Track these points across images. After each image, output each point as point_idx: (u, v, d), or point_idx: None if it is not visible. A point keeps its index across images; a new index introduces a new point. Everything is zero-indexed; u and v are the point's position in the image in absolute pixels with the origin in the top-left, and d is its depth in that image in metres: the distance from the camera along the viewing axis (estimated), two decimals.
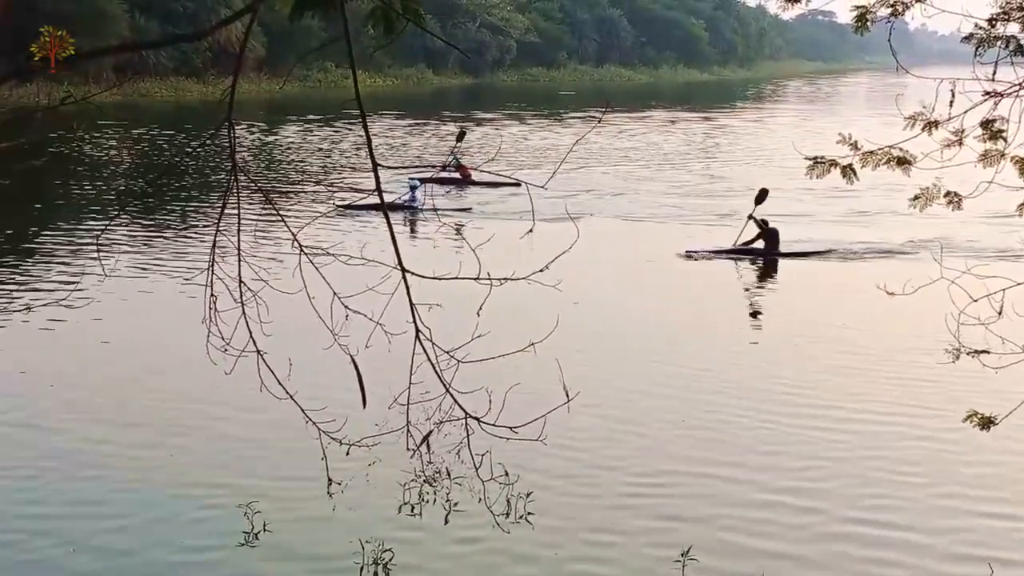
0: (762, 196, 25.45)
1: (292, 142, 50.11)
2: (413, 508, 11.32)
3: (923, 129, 7.84)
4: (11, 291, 20.38)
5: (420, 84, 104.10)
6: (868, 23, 8.56)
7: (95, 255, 18.33)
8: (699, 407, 14.95)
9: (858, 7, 8.59)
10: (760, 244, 24.96)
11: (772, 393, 15.61)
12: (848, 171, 8.49)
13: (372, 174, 6.50)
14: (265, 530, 10.91)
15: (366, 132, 6.60)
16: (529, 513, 11.20)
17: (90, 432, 13.58)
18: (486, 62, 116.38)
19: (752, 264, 24.97)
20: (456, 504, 11.29)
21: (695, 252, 24.78)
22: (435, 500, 11.38)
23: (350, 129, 55.24)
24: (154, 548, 10.76)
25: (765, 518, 11.64)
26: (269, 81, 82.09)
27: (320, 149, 47.43)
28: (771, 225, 24.98)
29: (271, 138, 50.70)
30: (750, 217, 25.04)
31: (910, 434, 14.15)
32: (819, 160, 8.71)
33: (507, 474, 8.05)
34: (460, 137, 23.14)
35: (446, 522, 11.15)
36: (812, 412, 14.83)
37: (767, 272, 24.59)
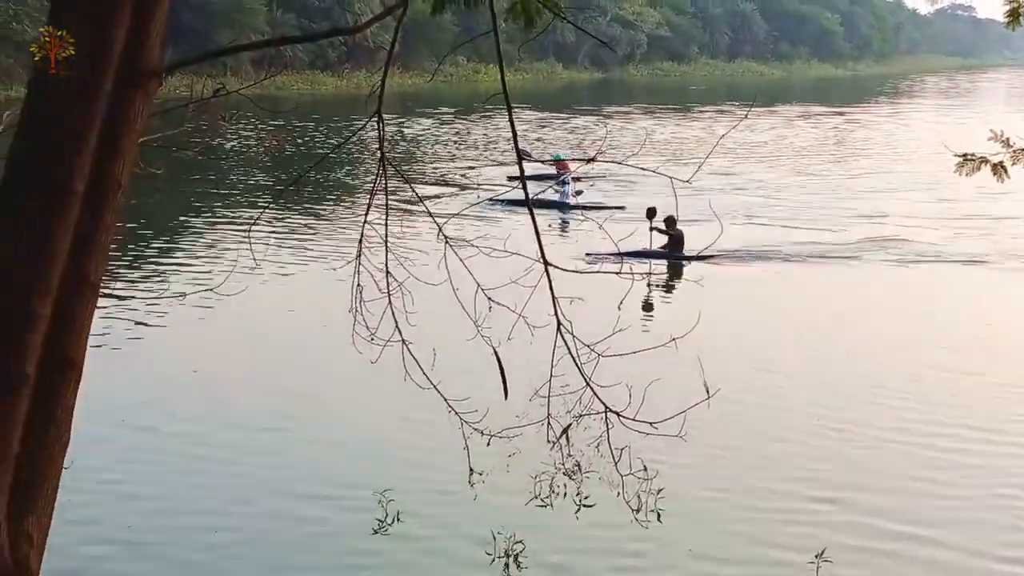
0: (651, 213, 22.28)
1: (430, 135, 50.71)
2: (546, 500, 11.32)
3: None
4: (165, 279, 21.07)
5: (550, 78, 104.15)
6: (1021, 18, 8.34)
7: (246, 244, 18.75)
8: (838, 409, 14.66)
9: (1011, 1, 8.37)
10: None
11: (914, 398, 15.26)
12: (999, 169, 8.28)
13: (516, 166, 6.57)
14: (399, 519, 11.02)
15: (512, 126, 6.66)
16: (661, 509, 11.10)
17: (234, 417, 13.91)
18: (616, 56, 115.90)
19: (657, 267, 23.31)
20: (587, 498, 11.27)
21: (596, 256, 21.19)
22: (567, 494, 11.36)
23: (486, 122, 55.64)
24: (289, 531, 10.99)
25: (902, 529, 11.40)
26: (402, 75, 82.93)
27: (455, 141, 48.00)
28: (678, 227, 23.46)
29: (408, 131, 51.31)
30: (651, 230, 23.32)
31: None
32: (969, 157, 8.51)
33: (645, 469, 8.00)
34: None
35: (577, 516, 11.15)
36: (963, 422, 14.41)
37: (886, 276, 23.69)
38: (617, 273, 6.63)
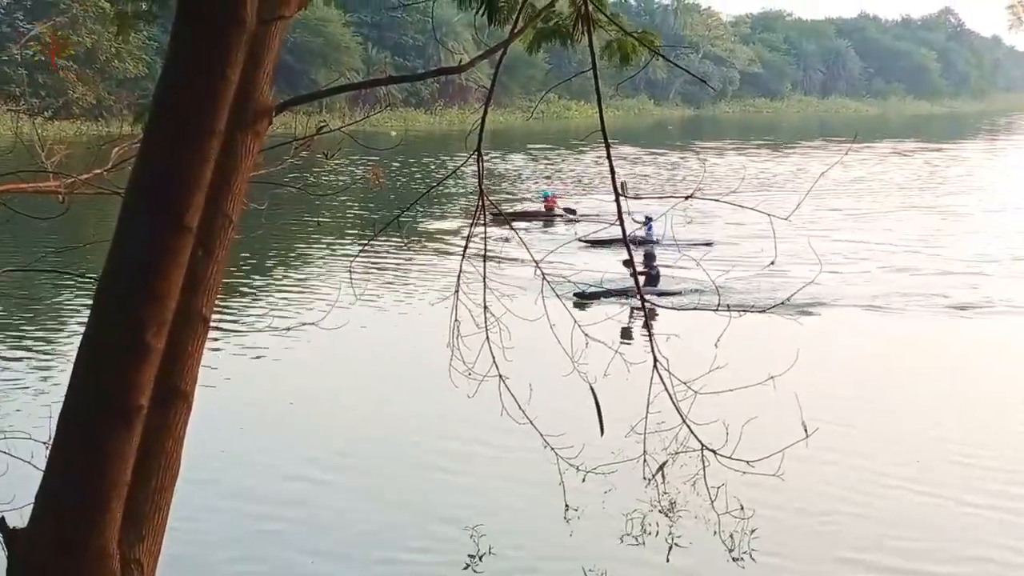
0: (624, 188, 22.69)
1: (523, 171, 51.08)
2: (639, 539, 11.30)
3: None
4: (268, 313, 21.43)
5: (640, 115, 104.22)
6: None
7: (346, 278, 19.10)
8: (939, 450, 14.37)
9: None
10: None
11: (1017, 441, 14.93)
12: None
13: (613, 202, 6.60)
14: (490, 553, 11.04)
15: (610, 164, 6.70)
16: (755, 550, 11.02)
17: (328, 449, 14.05)
18: (708, 93, 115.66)
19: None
20: (680, 537, 11.22)
21: (586, 291, 20.41)
22: (659, 532, 11.34)
23: (579, 158, 55.88)
24: (379, 564, 11.06)
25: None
26: (493, 112, 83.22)
27: (548, 177, 48.30)
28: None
29: (503, 167, 51.71)
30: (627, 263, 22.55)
31: None
32: None
33: (742, 508, 7.98)
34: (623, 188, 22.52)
35: (669, 556, 11.07)
36: None
37: (990, 326, 22.81)
38: (715, 310, 6.62)
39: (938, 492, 13.11)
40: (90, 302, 4.68)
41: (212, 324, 4.86)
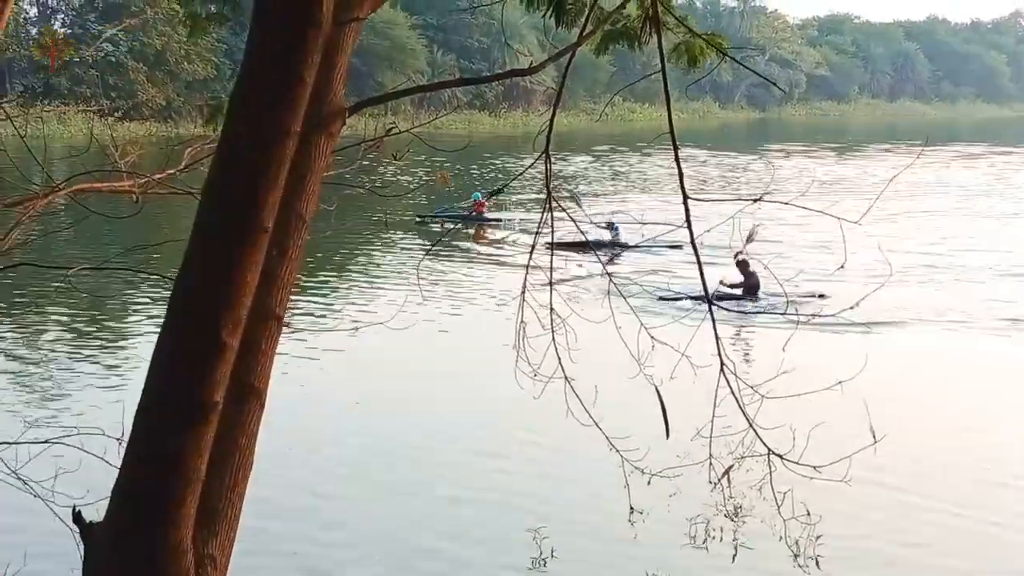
0: (751, 235, 21.39)
1: (589, 172, 51.10)
2: (702, 543, 11.25)
3: None
4: (338, 313, 21.65)
5: (705, 118, 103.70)
6: None
7: (413, 278, 19.26)
8: (1010, 464, 14.13)
9: None
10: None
11: None
12: None
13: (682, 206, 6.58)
14: (553, 556, 11.03)
15: (678, 165, 6.66)
16: (820, 556, 10.92)
17: (392, 449, 14.14)
18: (773, 96, 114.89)
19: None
20: (744, 542, 11.16)
21: (667, 295, 20.59)
22: (723, 537, 11.28)
23: (644, 160, 55.77)
24: (442, 566, 11.09)
25: None
26: (557, 114, 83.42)
27: (613, 179, 48.33)
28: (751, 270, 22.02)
29: (568, 169, 51.77)
30: (737, 255, 21.61)
31: None
32: None
33: (808, 513, 7.92)
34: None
35: (734, 560, 11.02)
36: None
37: None
38: (783, 314, 6.59)
39: (1008, 506, 12.93)
40: (160, 300, 4.77)
41: (285, 323, 4.93)
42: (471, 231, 33.02)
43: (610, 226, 29.24)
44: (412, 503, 12.52)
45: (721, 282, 21.91)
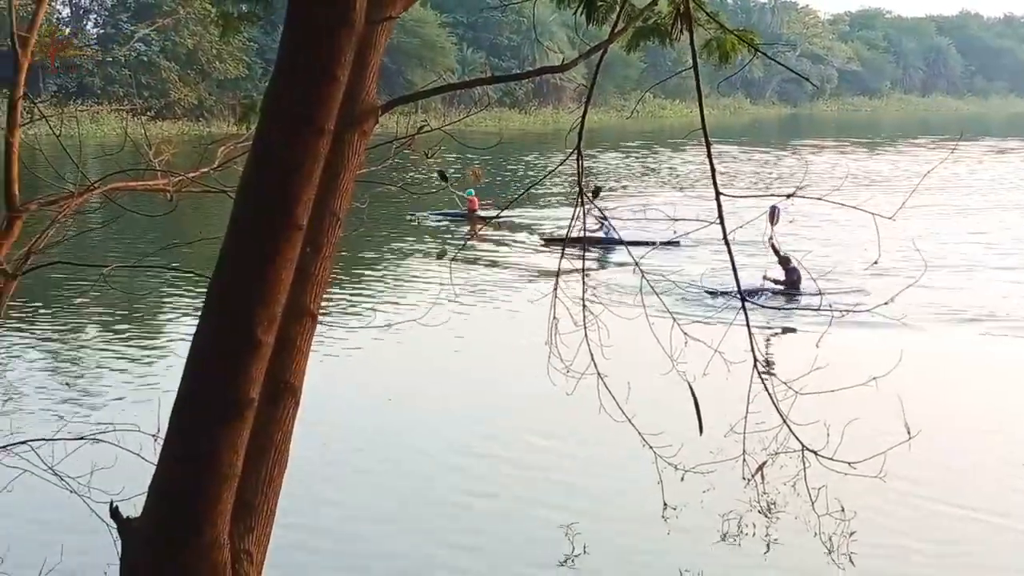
0: (773, 214, 21.01)
1: (619, 169, 51.06)
2: (735, 539, 11.21)
3: None
4: (370, 309, 21.71)
5: (736, 114, 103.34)
6: None
7: (445, 274, 19.32)
8: None
9: None
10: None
11: None
12: None
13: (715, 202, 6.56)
14: (585, 551, 11.03)
15: (710, 162, 6.65)
16: (854, 552, 10.87)
17: (423, 445, 14.17)
18: (805, 92, 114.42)
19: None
20: (777, 538, 11.13)
21: (715, 291, 20.28)
22: (755, 532, 11.25)
23: (674, 156, 55.68)
24: (473, 561, 11.11)
25: None
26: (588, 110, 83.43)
27: (643, 175, 48.28)
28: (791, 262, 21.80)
29: (598, 165, 51.75)
30: (770, 241, 21.62)
31: None
32: None
33: (843, 510, 7.89)
34: (595, 194, 21.79)
35: (766, 556, 10.99)
36: None
37: None
38: (816, 309, 6.57)
39: None
40: (195, 298, 4.81)
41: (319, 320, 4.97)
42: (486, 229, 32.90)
43: (602, 223, 28.85)
44: (444, 498, 12.56)
45: (765, 278, 21.94)
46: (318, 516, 11.75)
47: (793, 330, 18.96)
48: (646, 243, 26.17)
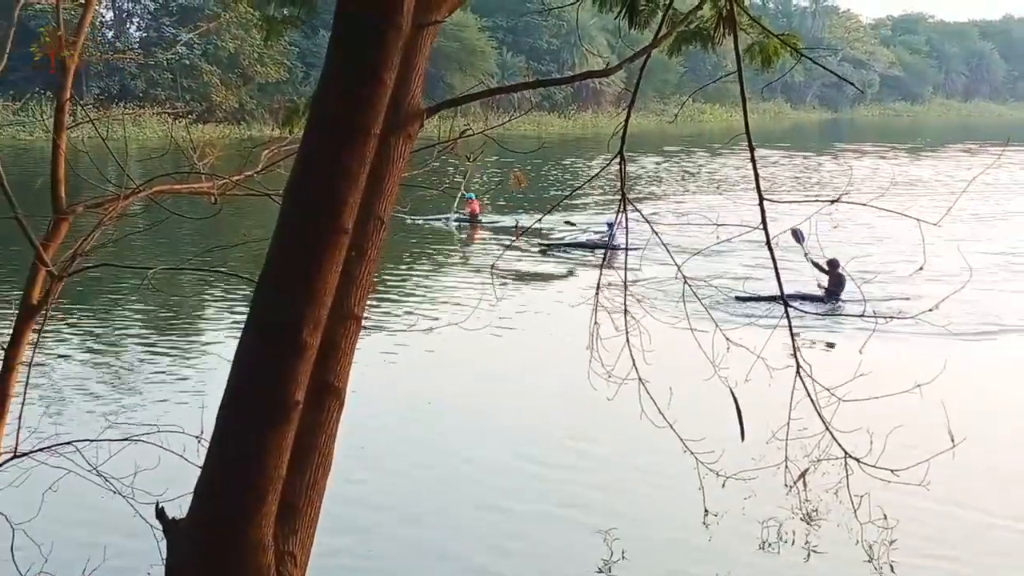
0: (798, 236, 21.31)
1: (661, 173, 50.96)
2: (776, 546, 11.16)
3: None
4: (410, 314, 21.77)
5: (777, 118, 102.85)
6: None
7: (486, 279, 19.32)
8: None
9: None
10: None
11: None
12: None
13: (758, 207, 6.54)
14: (624, 557, 11.00)
15: (754, 166, 6.62)
16: (895, 561, 10.79)
17: (463, 449, 14.19)
18: (846, 96, 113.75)
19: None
20: (818, 545, 11.06)
21: (745, 296, 20.76)
22: (795, 540, 11.19)
23: (714, 160, 55.51)
24: (512, 564, 11.11)
25: None
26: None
27: (684, 179, 48.20)
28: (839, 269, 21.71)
29: (640, 169, 51.66)
30: (808, 257, 21.67)
31: None
32: None
33: (886, 517, 7.82)
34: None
35: (806, 563, 10.93)
36: None
37: None
38: (860, 316, 6.52)
39: None
40: (240, 300, 4.83)
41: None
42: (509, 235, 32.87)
43: (608, 228, 28.38)
44: (483, 501, 12.57)
45: (819, 285, 21.84)
46: (360, 519, 11.80)
47: (835, 336, 18.90)
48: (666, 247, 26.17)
